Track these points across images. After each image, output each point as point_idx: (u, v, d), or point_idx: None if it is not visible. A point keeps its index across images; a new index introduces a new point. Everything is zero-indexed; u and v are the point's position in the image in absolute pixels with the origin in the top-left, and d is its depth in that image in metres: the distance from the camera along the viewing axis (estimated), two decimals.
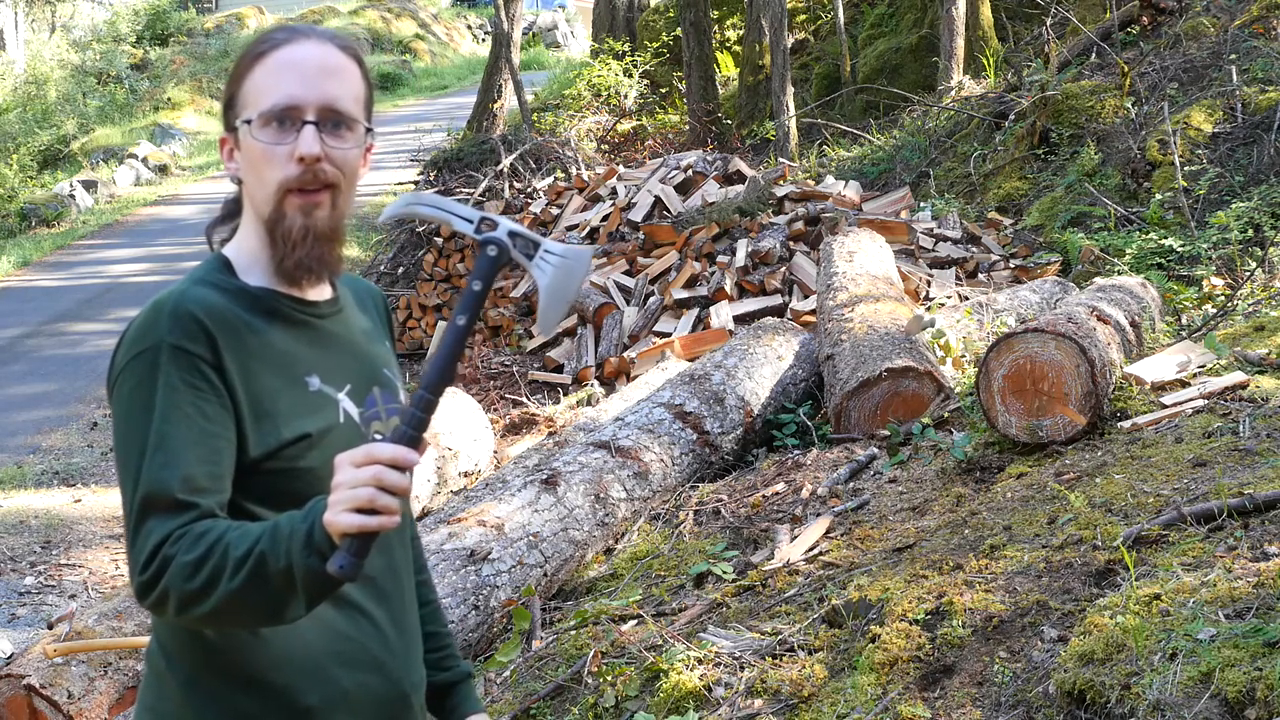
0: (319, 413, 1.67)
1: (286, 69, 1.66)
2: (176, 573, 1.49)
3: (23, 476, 7.58)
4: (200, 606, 1.49)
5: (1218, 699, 2.25)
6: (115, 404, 1.60)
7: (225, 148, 1.72)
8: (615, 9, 19.72)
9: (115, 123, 23.34)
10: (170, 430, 1.55)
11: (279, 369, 1.65)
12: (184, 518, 1.52)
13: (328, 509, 1.45)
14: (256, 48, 1.70)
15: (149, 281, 13.58)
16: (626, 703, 3.19)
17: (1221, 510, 3.01)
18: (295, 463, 1.64)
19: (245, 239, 1.73)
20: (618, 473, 4.69)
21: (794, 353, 5.80)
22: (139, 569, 1.52)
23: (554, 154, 12.94)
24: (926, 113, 11.69)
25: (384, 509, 1.44)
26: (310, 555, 1.46)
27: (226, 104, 1.71)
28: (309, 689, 1.65)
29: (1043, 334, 4.09)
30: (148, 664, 1.72)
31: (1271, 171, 7.89)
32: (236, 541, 1.49)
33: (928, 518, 3.83)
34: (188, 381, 1.57)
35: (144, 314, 1.62)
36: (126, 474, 1.56)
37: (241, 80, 1.69)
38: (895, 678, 2.83)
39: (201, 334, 1.59)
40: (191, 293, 1.62)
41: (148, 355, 1.57)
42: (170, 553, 1.50)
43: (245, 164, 1.69)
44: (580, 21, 33.32)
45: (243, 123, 1.67)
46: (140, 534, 1.52)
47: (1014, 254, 8.21)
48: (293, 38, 1.70)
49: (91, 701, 3.85)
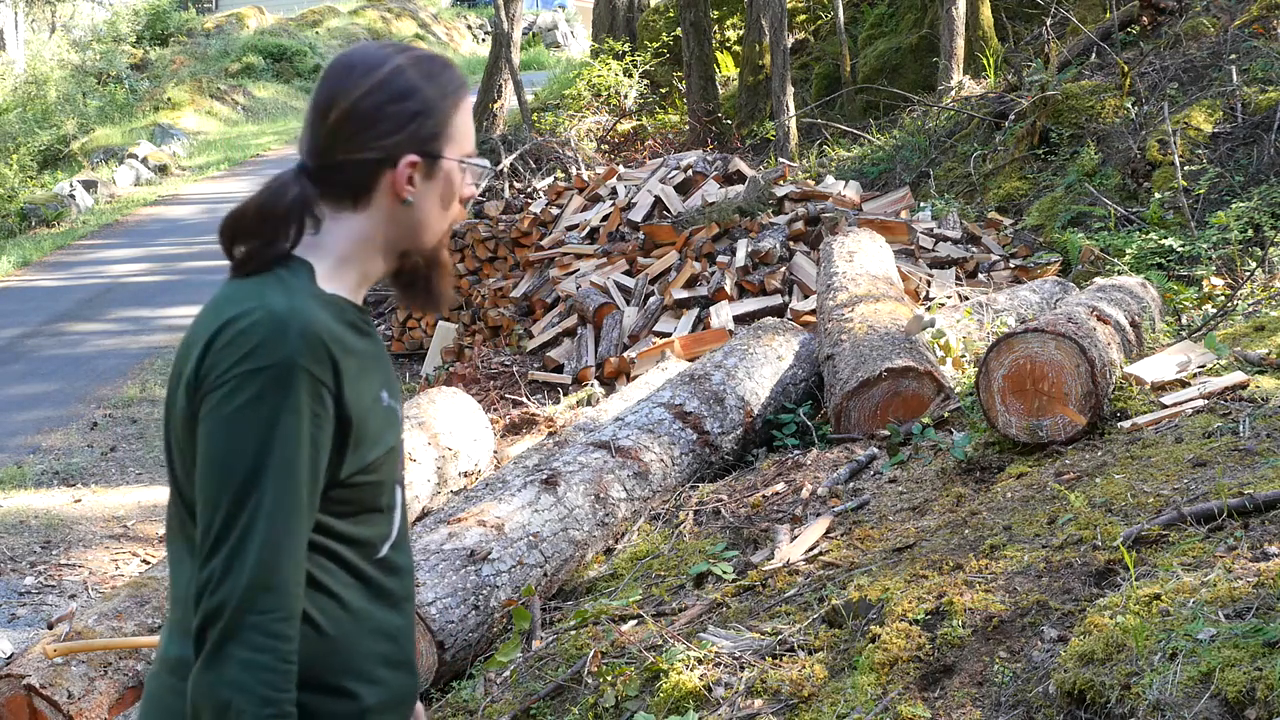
0: (392, 427, 1.72)
1: (469, 116, 1.77)
2: (246, 692, 1.52)
3: (23, 476, 7.58)
4: (203, 700, 1.53)
5: (1218, 699, 2.25)
6: (218, 410, 1.55)
7: (409, 172, 1.69)
8: (615, 9, 19.72)
9: (115, 123, 23.34)
10: (293, 455, 1.55)
11: (369, 388, 1.67)
12: (284, 609, 1.54)
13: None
14: (456, 86, 1.74)
15: (149, 281, 13.59)
16: (626, 703, 3.19)
17: (1221, 510, 3.01)
18: (370, 477, 1.68)
19: (336, 248, 1.70)
20: (618, 473, 4.69)
21: (794, 353, 5.80)
22: (218, 616, 1.52)
23: (554, 154, 12.95)
24: (926, 113, 11.69)
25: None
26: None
27: (430, 134, 1.69)
28: (367, 691, 1.70)
29: (1043, 334, 4.09)
30: (179, 674, 1.66)
31: (1271, 171, 7.89)
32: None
33: (928, 518, 3.83)
34: (311, 409, 1.56)
35: (257, 322, 1.57)
36: (229, 488, 1.54)
37: (451, 114, 1.71)
38: (895, 678, 2.83)
39: (328, 359, 1.58)
40: (312, 311, 1.60)
41: (275, 372, 1.54)
42: (261, 641, 1.52)
43: (433, 195, 1.71)
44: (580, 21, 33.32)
45: (452, 159, 1.71)
46: (255, 575, 1.52)
47: (1014, 254, 8.20)
48: (465, 79, 1.79)
49: (91, 701, 3.85)
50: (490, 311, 9.42)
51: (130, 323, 11.91)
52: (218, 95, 26.29)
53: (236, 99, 26.67)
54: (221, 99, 26.26)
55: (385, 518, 1.73)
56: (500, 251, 10.13)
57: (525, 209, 10.41)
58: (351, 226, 1.70)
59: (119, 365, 10.37)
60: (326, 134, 1.68)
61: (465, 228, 10.32)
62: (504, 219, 10.24)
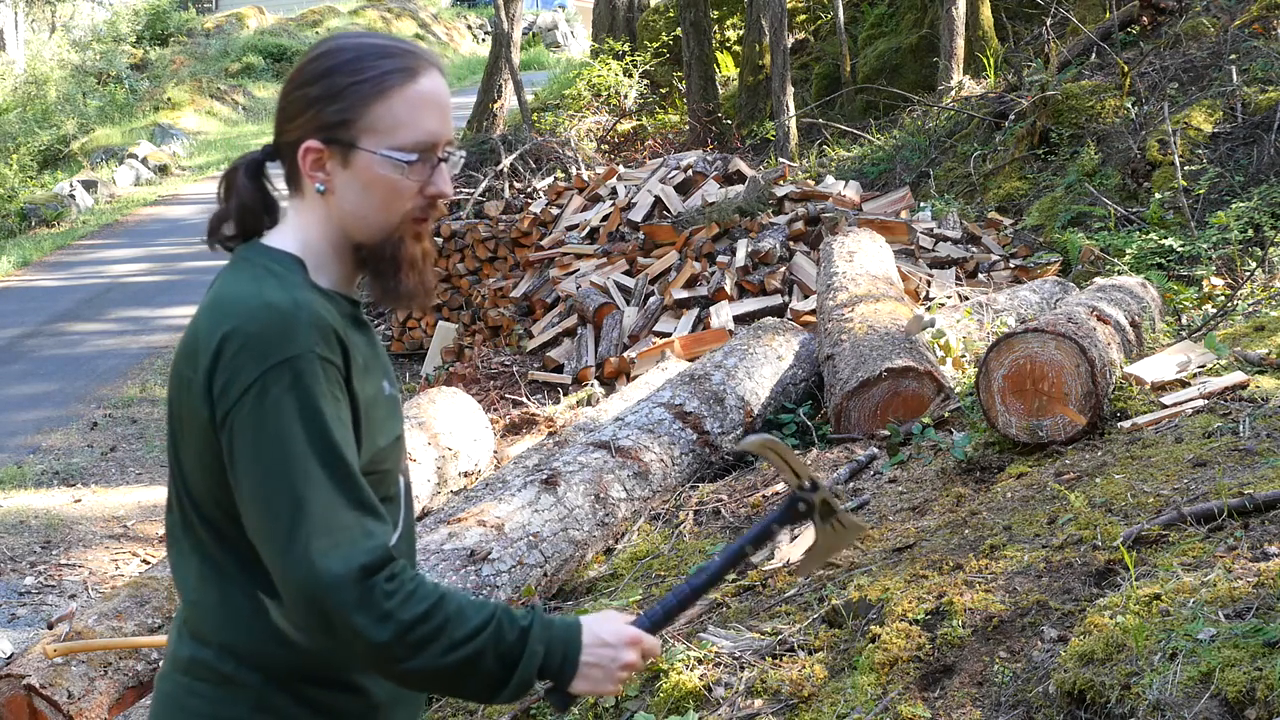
0: (394, 416, 1.73)
1: (427, 105, 1.67)
2: (397, 626, 1.52)
3: (23, 476, 7.58)
4: (397, 664, 1.54)
5: (1218, 699, 2.25)
6: (253, 415, 1.54)
7: (313, 157, 1.66)
8: (615, 9, 19.72)
9: (115, 123, 23.34)
10: (336, 436, 1.56)
11: (371, 377, 1.68)
12: (388, 548, 1.56)
13: (596, 669, 1.66)
14: (385, 74, 1.65)
15: (149, 281, 13.58)
16: (626, 703, 3.19)
17: (1221, 510, 3.01)
18: (380, 466, 1.68)
19: (313, 242, 1.70)
20: (618, 473, 4.69)
21: (794, 353, 5.80)
22: (339, 584, 1.51)
23: (554, 154, 12.95)
24: (926, 113, 11.69)
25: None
26: (536, 676, 1.62)
27: (336, 122, 1.65)
28: (379, 686, 1.71)
29: (1043, 334, 4.09)
30: (191, 672, 1.67)
31: (1271, 171, 7.89)
32: (456, 618, 1.56)
33: (928, 518, 3.83)
34: (333, 394, 1.58)
35: (263, 321, 1.57)
36: (288, 483, 1.53)
37: (367, 104, 1.64)
38: (895, 678, 2.83)
39: (338, 345, 1.60)
40: (313, 301, 1.61)
41: (297, 364, 1.55)
42: (388, 589, 1.53)
43: (355, 187, 1.66)
44: (580, 21, 33.31)
45: (369, 150, 1.64)
46: (329, 538, 1.52)
47: (1014, 254, 8.20)
48: (425, 68, 1.68)
49: (91, 701, 3.85)
50: (490, 311, 9.42)
51: (130, 323, 11.91)
52: (218, 95, 26.30)
53: (236, 99, 26.68)
54: (221, 99, 26.26)
55: (392, 507, 1.74)
56: (500, 251, 10.13)
57: (525, 209, 10.41)
58: (301, 218, 1.71)
59: (119, 365, 10.37)
60: (276, 115, 1.72)
61: (465, 228, 10.32)
62: (504, 219, 10.24)
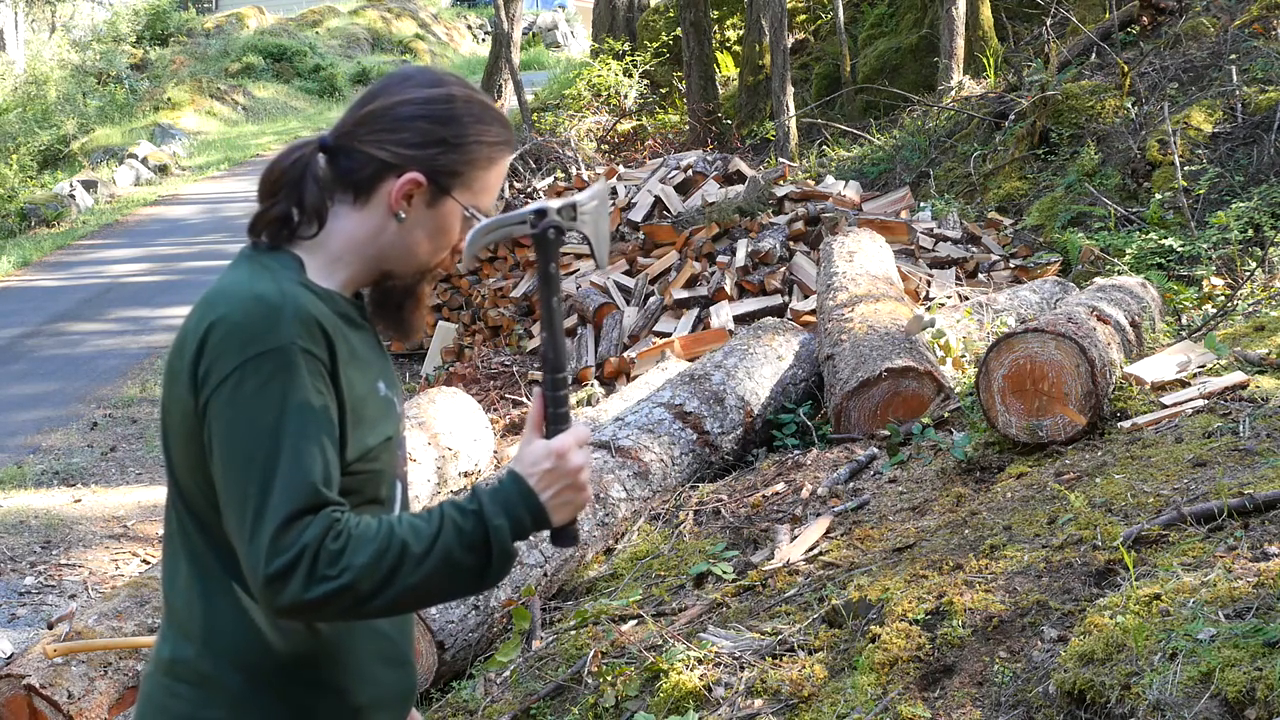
0: (390, 416, 1.74)
1: (498, 179, 1.77)
2: (355, 573, 1.52)
3: (23, 476, 7.58)
4: (373, 602, 1.54)
5: (1218, 699, 2.25)
6: (231, 404, 1.56)
7: (411, 189, 1.70)
8: (615, 9, 19.73)
9: (115, 123, 23.34)
10: (309, 431, 1.56)
11: (364, 375, 1.70)
12: (332, 515, 1.55)
13: (562, 493, 1.65)
14: (497, 142, 1.74)
15: (149, 281, 13.58)
16: (626, 703, 3.19)
17: (1221, 510, 3.01)
18: (373, 465, 1.69)
19: (329, 248, 1.73)
20: (618, 473, 4.69)
21: (794, 353, 5.80)
22: (291, 568, 1.51)
23: (554, 154, 12.94)
24: (926, 113, 11.69)
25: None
26: (513, 543, 1.62)
27: (449, 170, 1.71)
28: (359, 689, 1.72)
29: (1043, 334, 4.09)
30: (173, 673, 1.69)
31: (1271, 171, 7.89)
32: (409, 536, 1.56)
33: (928, 518, 3.83)
34: (315, 386, 1.58)
35: (249, 312, 1.59)
36: (252, 473, 1.54)
37: (479, 166, 1.73)
38: (895, 678, 2.83)
39: (322, 338, 1.61)
40: (302, 296, 1.63)
41: (276, 356, 1.56)
42: (334, 548, 1.52)
43: (428, 225, 1.73)
44: (580, 21, 33.32)
45: (459, 202, 1.72)
46: (288, 532, 1.52)
47: (1014, 254, 8.20)
48: (511, 142, 1.79)
49: (91, 701, 3.85)
50: (490, 311, 9.42)
51: (130, 323, 11.91)
52: (218, 95, 26.30)
53: (236, 99, 26.68)
54: (221, 99, 26.26)
55: (386, 510, 1.75)
56: (500, 251, 10.13)
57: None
58: (347, 224, 1.72)
59: (119, 365, 10.37)
60: (357, 120, 1.72)
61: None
62: None
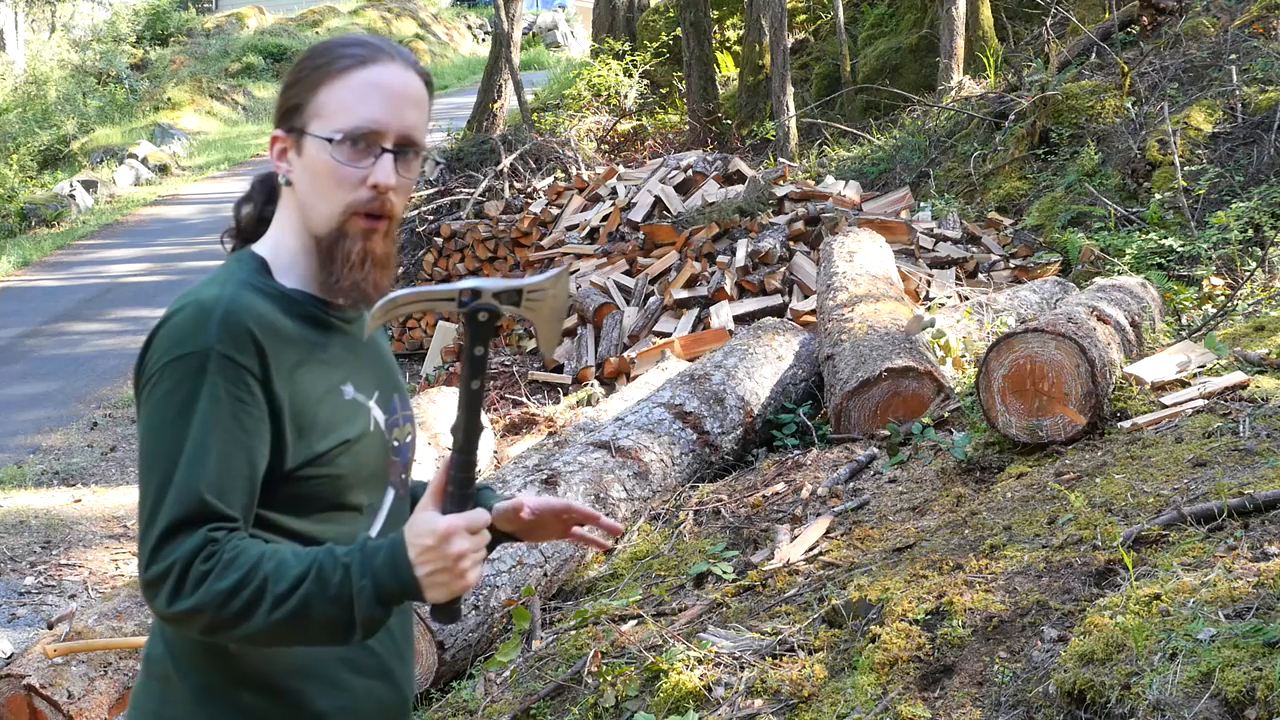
0: (353, 420, 1.67)
1: (372, 90, 1.64)
2: (211, 598, 1.49)
3: (23, 476, 7.58)
4: (231, 631, 1.51)
5: (1218, 699, 2.25)
6: (147, 403, 1.56)
7: (277, 146, 1.69)
8: (615, 9, 19.72)
9: (115, 123, 23.34)
10: (209, 440, 1.53)
11: (319, 378, 1.64)
12: (214, 532, 1.51)
13: (436, 575, 1.51)
14: (337, 59, 1.66)
15: (149, 281, 13.58)
16: (626, 703, 3.19)
17: (1221, 510, 3.01)
18: (326, 469, 1.64)
19: (284, 239, 1.71)
20: (618, 473, 4.69)
21: (794, 353, 5.80)
22: (161, 578, 1.50)
23: (554, 154, 12.94)
24: (926, 113, 11.69)
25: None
26: (378, 607, 1.52)
27: (291, 107, 1.67)
28: (319, 694, 1.67)
29: (1043, 334, 4.09)
30: (147, 669, 1.69)
31: (1271, 171, 7.89)
32: (275, 574, 1.50)
33: (928, 518, 3.83)
34: (231, 393, 1.54)
35: (186, 314, 1.57)
36: (153, 476, 1.53)
37: (316, 88, 1.65)
38: (895, 678, 2.83)
39: (251, 346, 1.56)
40: (241, 299, 1.59)
41: (192, 360, 1.54)
42: (203, 569, 1.49)
43: (306, 174, 1.66)
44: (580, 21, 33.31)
45: (314, 135, 1.64)
46: (168, 542, 1.50)
47: (1014, 254, 8.20)
48: (378, 57, 1.67)
49: (91, 701, 3.85)
50: None
51: (130, 323, 11.91)
52: (218, 95, 26.30)
53: (236, 99, 26.67)
54: (221, 99, 26.26)
55: (362, 518, 1.69)
56: (500, 251, 10.13)
57: (525, 209, 10.41)
58: (282, 210, 1.72)
59: (119, 365, 10.37)
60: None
61: (465, 228, 10.32)
62: (504, 219, 10.24)
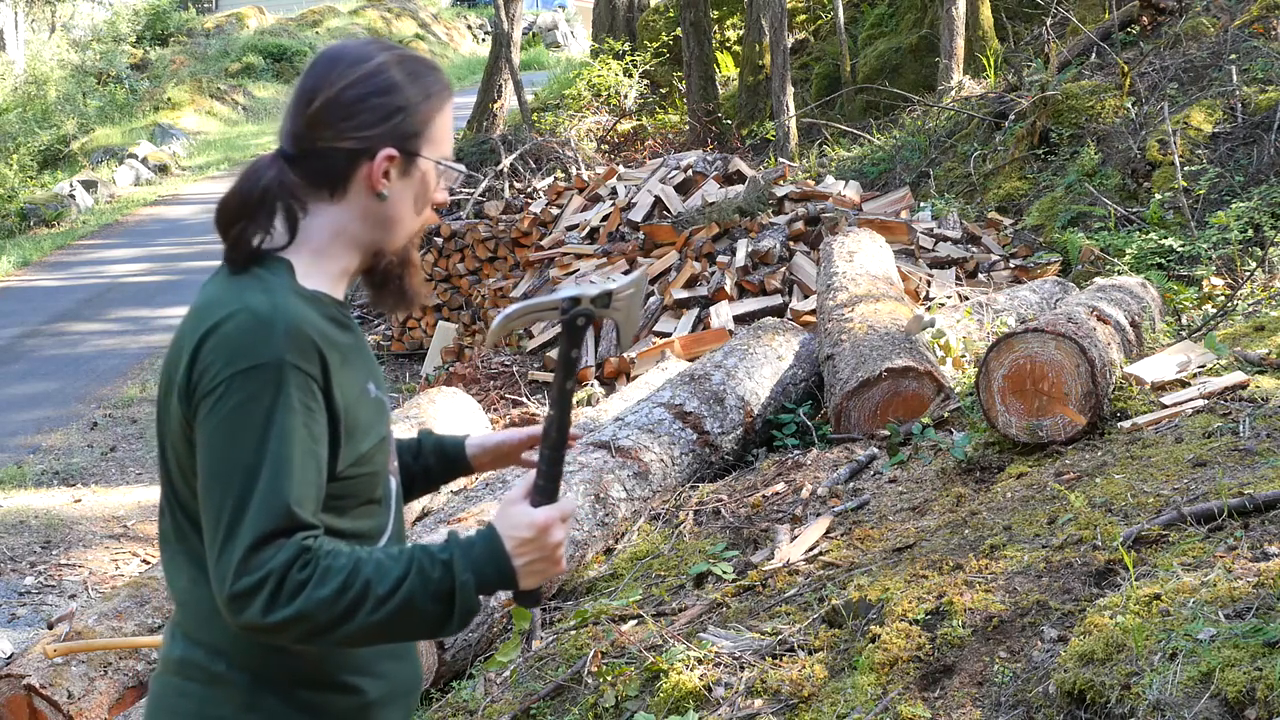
0: (381, 418, 1.74)
1: (450, 122, 1.78)
2: (313, 605, 1.52)
3: (23, 476, 7.58)
4: (329, 634, 1.55)
5: (1218, 699, 2.25)
6: (214, 415, 1.56)
7: (389, 165, 1.70)
8: (615, 9, 19.72)
9: (115, 123, 23.34)
10: (289, 451, 1.55)
11: (354, 379, 1.69)
12: (306, 541, 1.55)
13: (535, 564, 1.65)
14: (439, 88, 1.75)
15: (149, 281, 13.58)
16: (626, 703, 3.19)
17: (1221, 510, 3.01)
18: (366, 468, 1.69)
19: (319, 242, 1.72)
20: (618, 473, 4.69)
21: (794, 353, 5.80)
22: (254, 590, 1.52)
23: (554, 154, 12.95)
24: (926, 113, 11.69)
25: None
26: (477, 600, 1.62)
27: (411, 132, 1.71)
28: (370, 686, 1.74)
29: (1043, 334, 4.09)
30: (181, 672, 1.69)
31: (1271, 171, 7.89)
32: (376, 577, 1.56)
33: (928, 518, 3.83)
34: (304, 403, 1.57)
35: (241, 324, 1.58)
36: (230, 489, 1.54)
37: (431, 117, 1.73)
38: (895, 678, 2.83)
39: (315, 354, 1.60)
40: (295, 307, 1.61)
41: (265, 372, 1.55)
42: (300, 578, 1.52)
43: (409, 192, 1.73)
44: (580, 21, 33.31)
45: (427, 159, 1.73)
46: (257, 553, 1.52)
47: (1014, 254, 8.20)
48: (450, 85, 1.79)
49: (91, 701, 3.85)
50: (490, 311, 9.42)
51: (130, 323, 11.91)
52: (218, 95, 26.30)
53: (236, 99, 26.67)
54: (221, 99, 26.26)
55: (382, 510, 1.75)
56: (500, 251, 10.12)
57: (525, 209, 10.41)
58: (328, 219, 1.71)
59: (119, 365, 10.37)
60: (307, 121, 1.70)
61: (465, 228, 10.32)
62: (504, 219, 10.24)
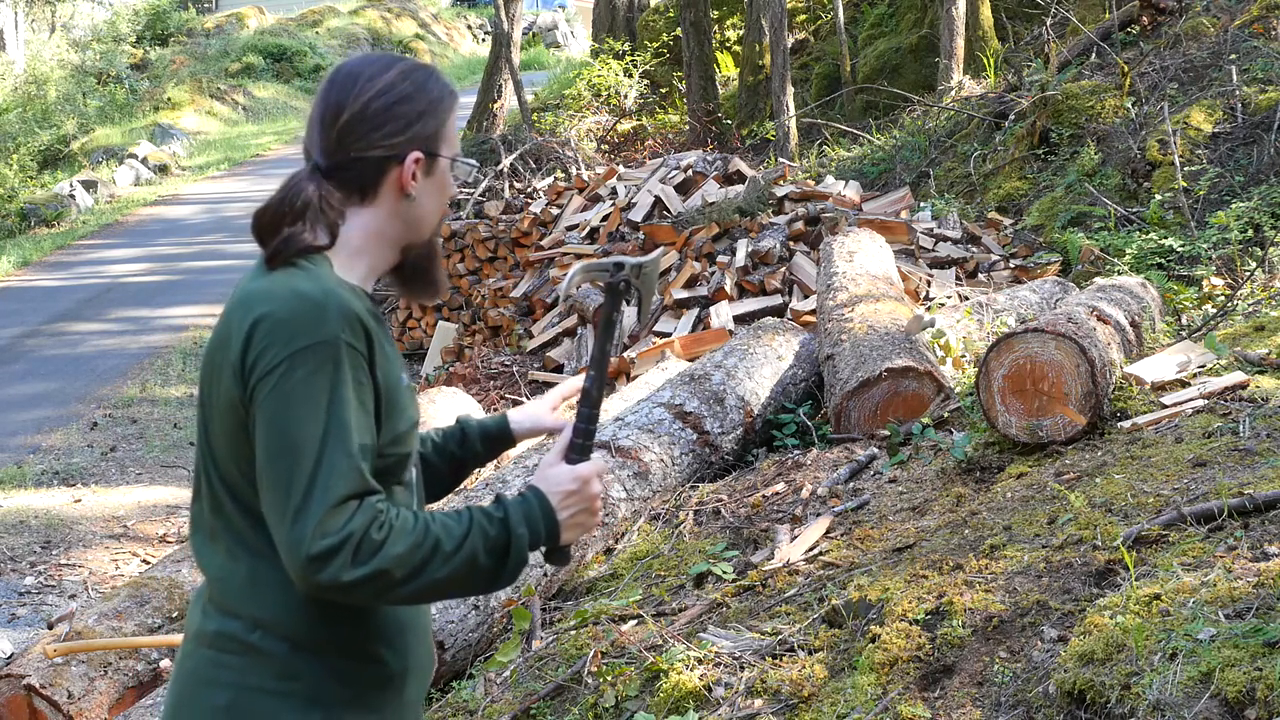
0: (413, 403, 1.88)
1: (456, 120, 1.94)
2: (390, 562, 1.66)
3: (23, 476, 7.58)
4: (399, 590, 1.69)
5: (1218, 699, 2.25)
6: (278, 391, 1.67)
7: (417, 167, 1.85)
8: (615, 9, 19.73)
9: (115, 123, 23.34)
10: (352, 421, 1.68)
11: (392, 364, 1.82)
12: (378, 504, 1.68)
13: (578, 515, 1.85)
14: (448, 93, 1.90)
15: (149, 281, 13.58)
16: (626, 703, 3.19)
17: (1221, 510, 3.01)
18: (400, 449, 1.82)
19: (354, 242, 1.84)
20: (618, 473, 4.69)
21: (794, 353, 5.80)
22: (334, 550, 1.63)
23: (554, 154, 12.95)
24: (926, 113, 11.69)
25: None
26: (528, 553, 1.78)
27: (430, 135, 1.85)
28: (396, 658, 1.84)
29: (1043, 334, 4.09)
30: (218, 644, 1.77)
31: (1271, 171, 7.89)
32: (443, 534, 1.72)
33: (928, 518, 3.83)
34: (357, 379, 1.71)
35: (293, 308, 1.69)
36: (302, 458, 1.65)
37: (444, 119, 1.88)
38: (895, 678, 2.83)
39: (364, 334, 1.73)
40: (340, 291, 1.74)
41: (324, 349, 1.68)
42: (377, 538, 1.66)
43: (433, 190, 1.88)
44: (580, 21, 33.32)
45: (445, 157, 1.88)
46: (335, 516, 1.64)
47: (1014, 254, 8.20)
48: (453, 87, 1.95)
49: (91, 701, 3.86)
50: (490, 311, 9.42)
51: (130, 323, 11.91)
52: (218, 95, 26.30)
53: (236, 99, 26.67)
54: (221, 99, 26.26)
55: (408, 492, 1.88)
56: (500, 251, 10.13)
57: (525, 209, 10.41)
58: (360, 221, 1.85)
59: (119, 365, 10.37)
60: (338, 134, 1.83)
61: (465, 228, 10.33)
62: (504, 219, 10.24)
